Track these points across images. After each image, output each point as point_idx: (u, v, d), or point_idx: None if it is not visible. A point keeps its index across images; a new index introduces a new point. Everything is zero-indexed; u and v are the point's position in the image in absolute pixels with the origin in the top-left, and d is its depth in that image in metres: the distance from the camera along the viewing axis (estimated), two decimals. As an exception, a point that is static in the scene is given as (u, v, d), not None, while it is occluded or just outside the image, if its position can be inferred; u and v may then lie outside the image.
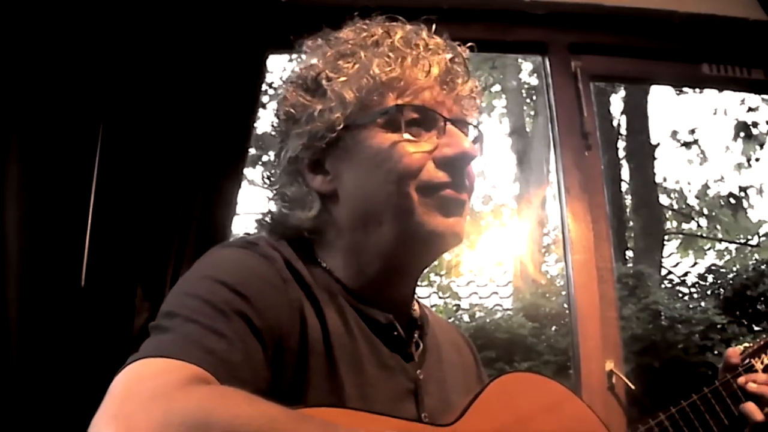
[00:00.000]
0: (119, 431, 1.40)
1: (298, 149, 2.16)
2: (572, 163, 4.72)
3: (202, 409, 1.46)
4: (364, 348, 2.09)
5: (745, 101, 20.12)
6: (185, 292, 1.88)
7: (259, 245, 2.06)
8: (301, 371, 1.92)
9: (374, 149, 2.10)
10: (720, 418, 2.37)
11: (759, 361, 2.52)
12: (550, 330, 12.55)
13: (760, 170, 22.29)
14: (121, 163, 4.01)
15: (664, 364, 11.04)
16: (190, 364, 1.61)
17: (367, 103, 2.10)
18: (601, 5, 4.79)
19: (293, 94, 2.20)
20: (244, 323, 1.78)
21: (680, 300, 13.45)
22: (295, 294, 1.98)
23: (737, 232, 21.92)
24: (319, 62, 2.20)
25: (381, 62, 2.09)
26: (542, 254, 16.82)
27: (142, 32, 4.13)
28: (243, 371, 1.71)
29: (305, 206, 2.20)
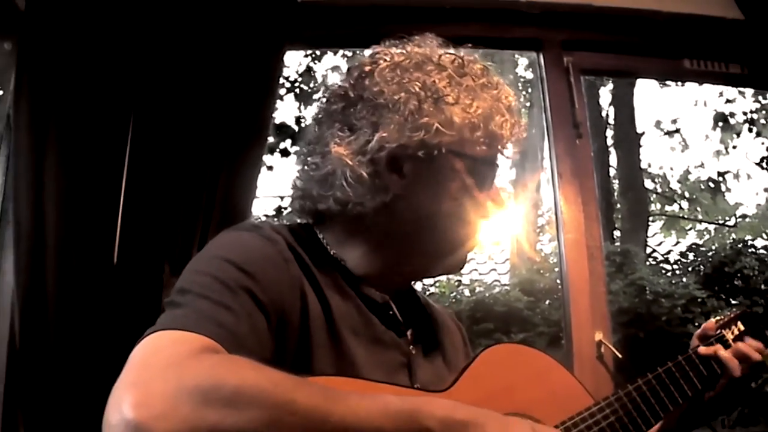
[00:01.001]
0: (137, 397, 1.44)
1: (394, 143, 2.08)
2: (564, 150, 4.75)
3: (212, 375, 1.51)
4: (361, 323, 2.13)
5: (723, 94, 20.38)
6: (197, 271, 1.92)
7: (263, 228, 2.10)
8: (304, 343, 1.97)
9: (456, 183, 2.16)
10: (693, 382, 2.40)
11: (730, 331, 2.57)
12: (544, 303, 12.57)
13: (737, 157, 22.93)
14: (150, 150, 4.05)
15: (649, 335, 11.08)
16: (202, 336, 1.66)
17: (473, 142, 2.13)
18: (590, 5, 4.83)
19: (410, 93, 2.10)
20: (249, 298, 1.83)
21: (663, 276, 13.46)
22: (295, 272, 2.02)
23: (716, 214, 22.11)
24: (433, 75, 2.14)
25: (500, 120, 2.15)
26: (537, 234, 16.85)
27: (172, 30, 4.16)
28: (249, 342, 1.76)
29: (375, 194, 2.14)
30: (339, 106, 2.23)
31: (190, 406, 1.44)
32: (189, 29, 4.17)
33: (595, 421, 2.16)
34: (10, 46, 4.43)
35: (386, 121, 2.09)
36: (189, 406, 1.44)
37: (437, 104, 2.07)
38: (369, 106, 2.14)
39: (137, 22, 4.12)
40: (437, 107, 2.07)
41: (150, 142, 4.05)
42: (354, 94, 2.19)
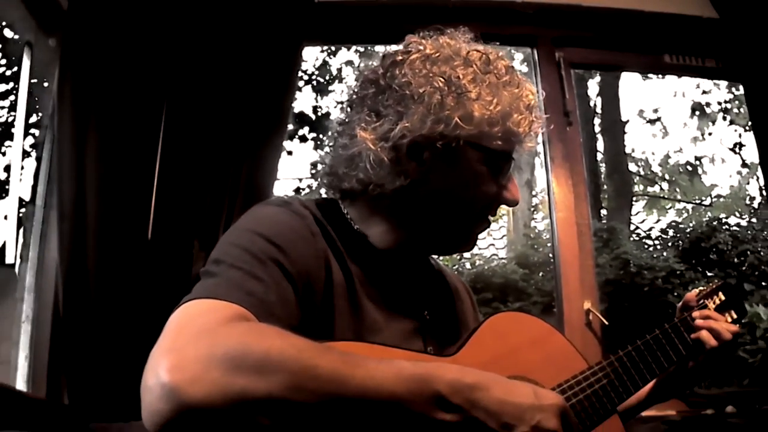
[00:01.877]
0: (172, 362, 1.47)
1: (416, 132, 2.09)
2: (556, 136, 4.80)
3: (242, 342, 1.53)
4: (380, 292, 2.15)
5: (699, 85, 20.58)
6: (230, 243, 1.95)
7: (292, 204, 2.11)
8: (327, 311, 2.00)
9: (473, 171, 2.16)
10: (678, 349, 2.42)
11: (711, 301, 2.58)
12: (537, 275, 12.60)
13: (712, 143, 23.08)
14: (180, 137, 4.09)
15: (632, 304, 11.12)
16: (233, 304, 1.69)
17: (491, 136, 2.13)
18: (580, 5, 4.88)
19: (435, 87, 2.10)
20: (278, 269, 1.85)
21: (646, 250, 13.49)
22: (321, 245, 2.05)
23: (693, 194, 22.16)
24: (458, 70, 2.14)
25: (518, 117, 2.15)
26: (531, 212, 16.86)
27: (201, 28, 4.20)
28: (277, 310, 1.78)
29: (395, 177, 2.15)
30: (370, 92, 2.23)
31: (221, 371, 1.46)
32: (216, 28, 4.22)
33: (589, 384, 2.18)
34: (54, 43, 4.46)
35: (410, 111, 2.09)
36: (219, 370, 1.46)
37: (459, 99, 2.08)
38: (396, 95, 2.14)
39: (170, 21, 4.16)
40: (459, 102, 2.08)
41: (181, 129, 4.10)
42: (384, 82, 2.20)
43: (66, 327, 3.73)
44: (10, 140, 16.56)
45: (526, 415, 1.70)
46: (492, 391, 1.69)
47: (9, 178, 15.24)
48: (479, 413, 1.65)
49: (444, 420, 1.63)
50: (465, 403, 1.64)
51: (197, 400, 1.42)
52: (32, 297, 4.17)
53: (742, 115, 18.93)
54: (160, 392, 1.44)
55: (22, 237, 4.37)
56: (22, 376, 4.01)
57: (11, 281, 4.45)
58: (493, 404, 1.67)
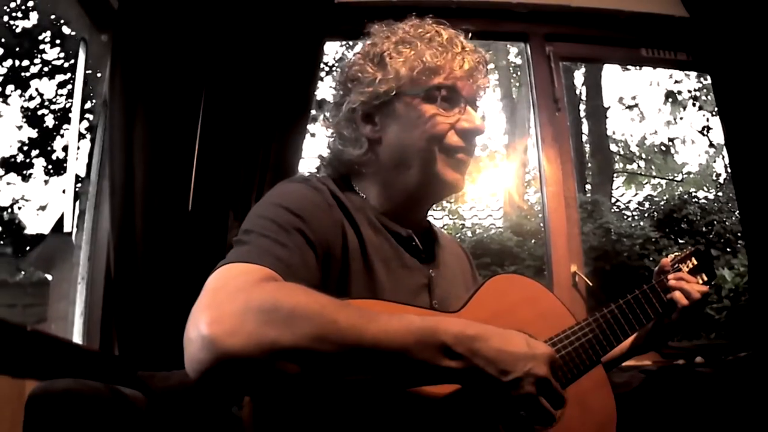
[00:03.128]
0: (211, 316, 1.53)
1: (357, 103, 2.29)
2: (546, 120, 4.83)
3: (272, 298, 1.59)
4: (390, 254, 2.24)
5: (672, 76, 20.64)
6: (258, 215, 2.03)
7: (311, 180, 2.22)
8: (344, 272, 2.09)
9: (415, 114, 2.25)
10: (655, 307, 2.45)
11: (685, 265, 2.62)
12: (530, 242, 12.58)
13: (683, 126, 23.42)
14: (217, 121, 4.12)
15: (613, 268, 11.13)
16: (263, 267, 1.77)
17: (416, 80, 2.24)
18: (568, 5, 4.91)
19: (361, 63, 2.32)
20: (301, 237, 1.96)
21: (625, 221, 13.47)
22: (338, 215, 2.15)
23: (666, 171, 22.33)
24: (384, 44, 2.30)
25: (432, 53, 2.24)
26: (524, 187, 16.86)
27: (236, 25, 4.25)
28: (301, 272, 1.86)
29: (356, 145, 2.33)
30: (335, 90, 2.46)
31: (254, 324, 1.52)
32: (248, 26, 4.26)
33: (576, 337, 2.20)
34: (106, 39, 4.49)
35: (351, 89, 2.33)
36: (253, 323, 1.52)
37: (381, 62, 2.28)
38: (343, 85, 2.39)
39: (209, 19, 4.20)
40: (380, 64, 2.28)
41: (217, 114, 4.13)
42: (338, 81, 2.44)
43: (116, 287, 3.78)
44: (68, 124, 16.71)
45: (520, 362, 1.77)
46: (491, 341, 1.75)
47: (67, 156, 15.34)
48: (479, 361, 1.71)
49: (449, 367, 1.69)
50: (467, 352, 1.70)
51: (234, 350, 1.48)
52: (87, 261, 4.23)
53: (709, 102, 19.01)
54: (201, 343, 1.50)
55: (78, 208, 4.43)
56: (78, 330, 4.07)
57: (69, 247, 4.67)
58: (491, 353, 1.74)
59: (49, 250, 12.36)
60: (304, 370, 1.57)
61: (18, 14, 15.96)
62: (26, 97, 16.58)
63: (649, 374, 3.51)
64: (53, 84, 16.69)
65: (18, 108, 16.70)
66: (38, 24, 16.16)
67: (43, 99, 16.68)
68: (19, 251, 16.38)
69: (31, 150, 16.88)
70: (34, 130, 16.80)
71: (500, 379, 1.75)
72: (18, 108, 16.70)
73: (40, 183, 17.41)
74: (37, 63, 16.37)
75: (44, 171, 16.92)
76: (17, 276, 15.47)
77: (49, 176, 16.94)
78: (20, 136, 17.03)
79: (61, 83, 16.52)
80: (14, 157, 16.90)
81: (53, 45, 16.29)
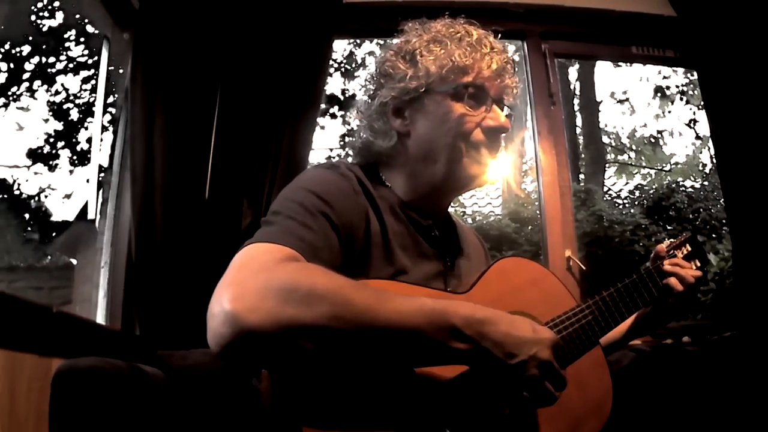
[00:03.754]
0: (234, 292, 1.58)
1: (388, 98, 2.30)
2: (542, 114, 4.82)
3: (293, 278, 1.63)
4: (409, 242, 2.26)
5: (661, 72, 20.81)
6: (287, 198, 2.04)
7: (339, 167, 2.22)
8: (365, 256, 2.10)
9: (443, 110, 2.25)
10: (651, 291, 2.45)
11: (680, 251, 2.63)
12: (527, 229, 12.61)
13: (671, 119, 23.50)
14: (232, 114, 4.13)
15: (605, 253, 11.14)
16: (286, 248, 1.79)
17: (445, 78, 2.24)
18: (562, 5, 4.94)
19: (393, 60, 2.33)
20: (326, 220, 1.97)
21: (616, 208, 13.51)
22: (362, 202, 2.15)
23: (655, 162, 22.44)
24: (416, 42, 2.31)
25: (461, 52, 2.24)
26: (522, 176, 16.81)
27: (250, 23, 4.26)
28: (323, 254, 1.89)
29: (385, 138, 2.34)
30: (367, 84, 2.47)
31: (274, 302, 1.56)
32: (262, 24, 4.26)
33: (577, 319, 2.20)
34: (128, 37, 4.51)
35: (383, 84, 2.34)
36: (273, 301, 1.56)
37: (412, 59, 2.28)
38: (375, 80, 2.41)
39: (225, 19, 4.22)
40: (411, 61, 2.28)
41: (232, 107, 4.14)
42: (371, 75, 2.45)
43: (137, 271, 3.79)
44: (92, 117, 16.74)
45: (526, 346, 1.79)
46: (498, 325, 1.76)
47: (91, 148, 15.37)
48: (487, 343, 1.74)
49: (458, 348, 1.71)
50: (476, 334, 1.72)
51: (254, 325, 1.52)
52: (109, 246, 4.26)
53: (696, 96, 19.06)
54: (223, 318, 1.54)
55: (101, 197, 4.48)
56: (101, 312, 4.10)
57: (92, 233, 4.71)
58: (499, 336, 1.75)
59: (74, 236, 12.42)
60: (320, 346, 1.60)
61: (45, 14, 16.09)
62: (52, 91, 16.71)
63: (639, 353, 3.52)
64: (78, 79, 16.84)
65: (45, 102, 16.79)
66: (64, 23, 16.25)
67: (68, 94, 16.80)
68: (45, 237, 16.51)
69: (57, 142, 16.99)
70: (60, 123, 16.93)
71: (506, 361, 1.76)
72: (45, 102, 16.79)
73: (66, 173, 17.55)
74: (63, 60, 16.48)
75: (69, 161, 17.05)
76: (44, 260, 15.58)
77: (73, 166, 17.06)
78: (47, 128, 17.08)
79: (85, 79, 16.64)
80: (41, 148, 17.03)
81: (78, 43, 16.38)
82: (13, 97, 16.62)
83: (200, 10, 4.16)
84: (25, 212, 17.18)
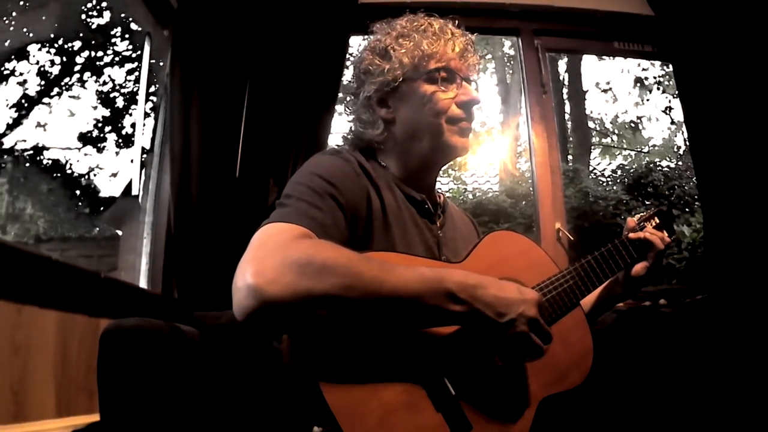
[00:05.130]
0: (254, 268, 1.62)
1: (371, 91, 2.35)
2: (535, 102, 4.83)
3: (307, 253, 1.66)
4: (406, 215, 2.28)
5: (640, 64, 20.55)
6: (297, 182, 2.06)
7: (342, 153, 2.26)
8: (368, 231, 2.12)
9: (420, 94, 2.30)
10: (624, 258, 2.48)
11: (650, 224, 2.64)
12: (521, 204, 12.59)
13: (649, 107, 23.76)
14: (260, 103, 4.16)
15: (591, 225, 11.17)
16: (299, 226, 1.83)
17: (417, 66, 2.30)
18: (552, 6, 4.96)
19: (370, 58, 2.38)
20: (333, 201, 2.00)
21: (600, 185, 13.46)
22: (364, 182, 2.18)
23: (635, 144, 22.42)
24: (387, 39, 2.36)
25: (428, 42, 2.30)
26: (516, 157, 16.81)
27: (274, 22, 4.29)
28: (332, 231, 1.92)
29: (374, 127, 2.38)
30: (352, 85, 2.52)
31: (291, 276, 1.60)
32: (286, 24, 4.30)
33: (560, 283, 2.23)
34: (167, 33, 4.56)
35: (364, 81, 2.40)
36: (290, 275, 1.60)
37: (386, 54, 2.35)
38: (357, 78, 2.46)
39: (254, 18, 4.25)
40: (386, 57, 2.34)
41: (260, 97, 4.17)
42: (353, 75, 2.51)
43: (175, 241, 3.83)
44: (135, 104, 16.77)
45: (514, 306, 1.83)
46: (489, 289, 1.80)
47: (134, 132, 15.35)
48: (479, 305, 1.77)
49: (454, 310, 1.76)
50: (469, 297, 1.76)
51: (274, 297, 1.57)
52: (151, 219, 4.32)
53: (671, 86, 19.06)
54: (246, 292, 1.59)
55: (144, 175, 4.50)
56: (143, 277, 4.16)
57: (136, 208, 4.78)
58: (489, 298, 1.79)
59: (120, 210, 12.44)
60: (332, 314, 1.64)
61: (93, 13, 16.15)
62: (100, 82, 16.81)
63: (620, 314, 3.56)
64: (123, 71, 16.98)
65: (93, 91, 16.83)
66: (110, 21, 16.31)
67: (114, 84, 16.89)
68: (94, 211, 16.58)
69: (105, 126, 17.12)
70: (107, 110, 17.03)
71: (497, 320, 1.80)
72: (93, 91, 16.83)
73: (112, 154, 17.53)
74: (110, 54, 16.56)
75: (115, 144, 17.20)
76: (93, 232, 15.64)
77: (119, 148, 17.19)
78: (95, 114, 17.15)
79: (129, 71, 16.75)
80: (90, 132, 17.16)
81: (123, 39, 16.47)
82: (66, 87, 16.70)
83: (232, 10, 4.18)
84: (76, 189, 17.22)
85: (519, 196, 13.06)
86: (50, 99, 16.65)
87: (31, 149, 16.89)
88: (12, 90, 17.85)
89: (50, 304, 2.74)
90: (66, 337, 2.82)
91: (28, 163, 16.80)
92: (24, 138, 18.98)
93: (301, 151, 4.10)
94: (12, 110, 16.17)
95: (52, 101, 16.72)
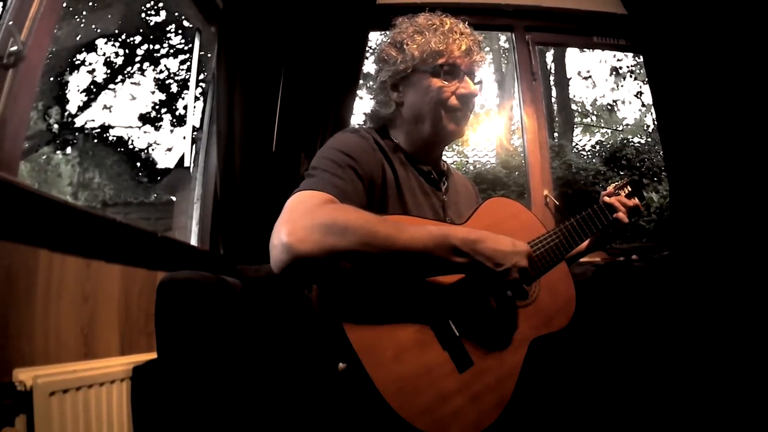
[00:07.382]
0: (288, 229, 1.67)
1: (386, 77, 2.38)
2: (526, 87, 4.81)
3: (332, 216, 1.71)
4: (415, 184, 2.33)
5: (615, 56, 20.44)
6: (322, 156, 2.09)
7: (360, 131, 2.29)
8: (383, 197, 2.17)
9: (426, 85, 2.31)
10: (602, 220, 2.53)
11: (623, 191, 2.67)
12: (515, 174, 12.57)
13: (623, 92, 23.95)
14: (293, 89, 4.18)
15: (574, 192, 11.14)
16: (324, 193, 1.87)
17: (426, 60, 2.30)
18: (541, 5, 4.95)
19: (387, 49, 2.41)
20: (353, 171, 2.04)
21: (582, 159, 13.43)
22: (379, 156, 2.22)
23: (611, 124, 22.23)
24: (403, 34, 2.38)
25: (437, 39, 2.30)
26: (511, 134, 16.76)
27: (306, 21, 4.31)
28: (352, 197, 1.96)
29: (387, 107, 2.41)
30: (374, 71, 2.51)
31: (319, 235, 1.66)
32: (315, 21, 4.32)
33: (547, 242, 2.27)
34: (214, 30, 4.55)
35: (382, 68, 2.42)
36: (318, 234, 1.66)
37: (401, 47, 2.35)
38: (377, 65, 2.47)
39: (288, 17, 4.28)
40: (400, 49, 2.36)
41: (293, 84, 4.20)
42: (374, 61, 2.50)
43: (221, 205, 3.85)
44: (187, 90, 16.78)
45: (508, 257, 1.88)
46: (487, 243, 1.85)
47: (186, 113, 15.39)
48: (479, 257, 1.83)
49: (457, 262, 1.81)
50: (470, 251, 1.82)
51: (304, 253, 1.63)
52: (200, 187, 4.34)
53: (642, 74, 18.99)
54: (281, 248, 1.65)
55: (194, 150, 4.51)
56: (194, 236, 4.19)
57: (187, 177, 4.98)
58: (488, 251, 1.84)
59: (174, 180, 12.49)
60: (354, 266, 1.70)
61: (151, 12, 16.18)
62: (158, 71, 16.84)
63: (598, 267, 3.60)
64: (176, 62, 16.96)
65: (152, 79, 16.86)
66: (166, 18, 16.37)
67: (169, 72, 16.91)
68: (152, 180, 16.67)
69: (161, 108, 17.16)
70: (163, 94, 17.05)
71: (494, 270, 1.85)
72: (152, 79, 16.86)
73: (167, 132, 17.60)
74: (165, 47, 16.57)
75: (170, 123, 17.22)
76: (151, 197, 15.70)
77: (173, 127, 17.23)
78: (153, 98, 17.19)
79: (182, 61, 16.78)
80: (149, 113, 17.20)
81: (176, 34, 16.47)
82: (128, 75, 16.75)
83: (269, 10, 4.21)
84: (137, 161, 17.33)
85: (512, 167, 13.06)
86: (115, 85, 16.70)
87: (98, 128, 16.99)
88: (82, 78, 18.28)
89: (115, 259, 2.79)
90: (128, 287, 2.85)
91: (96, 140, 16.92)
92: (93, 118, 19.29)
93: (328, 129, 4.13)
94: (82, 94, 16.22)
95: (116, 87, 16.76)
